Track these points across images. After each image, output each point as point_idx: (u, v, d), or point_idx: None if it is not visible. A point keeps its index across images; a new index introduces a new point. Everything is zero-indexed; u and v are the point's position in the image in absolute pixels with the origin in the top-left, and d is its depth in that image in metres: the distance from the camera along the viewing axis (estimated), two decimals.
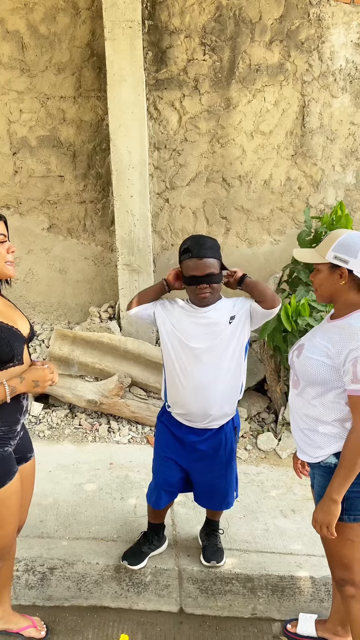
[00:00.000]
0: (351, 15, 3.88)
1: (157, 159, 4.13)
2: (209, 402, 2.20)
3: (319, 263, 1.83)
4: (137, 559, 2.50)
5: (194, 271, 2.12)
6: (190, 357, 2.18)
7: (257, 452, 3.62)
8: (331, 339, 1.79)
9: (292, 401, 1.97)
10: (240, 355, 2.22)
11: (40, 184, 4.25)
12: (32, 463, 2.03)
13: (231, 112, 4.03)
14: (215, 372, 2.18)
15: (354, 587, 1.90)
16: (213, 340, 2.16)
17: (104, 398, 3.77)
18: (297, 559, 2.59)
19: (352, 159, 4.19)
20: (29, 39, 3.93)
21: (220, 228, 4.30)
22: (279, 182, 4.20)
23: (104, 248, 4.39)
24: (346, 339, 1.74)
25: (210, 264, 2.11)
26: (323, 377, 1.79)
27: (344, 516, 1.79)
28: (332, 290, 1.82)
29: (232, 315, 2.18)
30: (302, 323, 3.34)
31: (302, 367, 1.85)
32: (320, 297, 1.89)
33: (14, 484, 1.82)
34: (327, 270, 1.81)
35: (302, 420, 1.90)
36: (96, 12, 3.83)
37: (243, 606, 2.44)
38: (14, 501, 1.83)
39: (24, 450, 1.97)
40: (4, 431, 1.78)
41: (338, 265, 1.77)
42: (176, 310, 2.26)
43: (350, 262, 1.75)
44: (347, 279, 1.77)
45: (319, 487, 1.91)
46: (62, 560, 2.52)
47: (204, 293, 2.14)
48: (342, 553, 1.87)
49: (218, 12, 3.84)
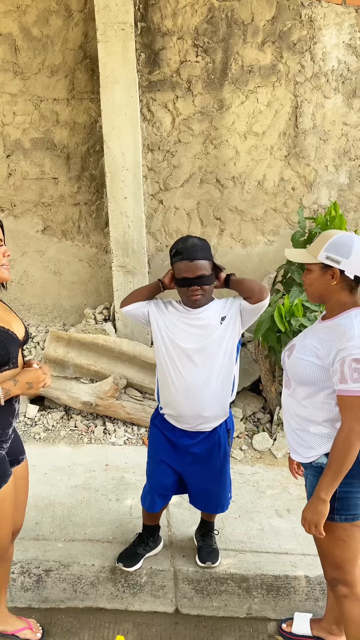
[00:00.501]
0: (343, 16, 3.89)
1: (151, 161, 4.14)
2: (201, 403, 2.20)
3: (311, 263, 1.84)
4: (132, 561, 2.50)
5: (185, 273, 2.13)
6: (182, 357, 2.19)
7: (252, 452, 3.63)
8: (320, 339, 1.80)
9: (284, 401, 1.98)
10: (232, 355, 2.22)
11: (34, 186, 4.25)
12: (24, 465, 2.04)
13: (224, 114, 4.05)
14: (207, 373, 2.19)
15: (347, 587, 1.91)
16: (205, 340, 2.17)
17: (99, 400, 3.77)
18: (292, 559, 2.60)
19: (345, 159, 4.21)
20: (21, 41, 3.93)
21: (214, 229, 4.31)
22: (273, 183, 4.22)
23: (99, 250, 4.40)
24: (335, 339, 1.74)
25: (201, 266, 2.11)
26: (313, 377, 1.80)
27: (334, 516, 1.80)
28: (323, 290, 1.83)
29: (223, 316, 2.19)
30: (295, 323, 3.36)
31: (293, 367, 1.87)
32: (311, 297, 1.90)
33: (8, 487, 1.83)
34: (319, 271, 1.81)
35: (293, 421, 1.92)
36: (89, 15, 3.83)
37: (238, 606, 2.45)
38: (8, 504, 1.84)
39: (16, 453, 1.98)
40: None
41: (330, 265, 1.78)
42: (169, 310, 2.27)
43: (342, 263, 1.75)
44: (339, 280, 1.78)
45: (310, 488, 1.92)
46: (57, 562, 2.53)
47: (196, 295, 2.14)
48: (334, 553, 1.88)
49: (210, 14, 3.85)
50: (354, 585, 1.90)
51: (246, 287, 2.18)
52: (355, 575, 1.90)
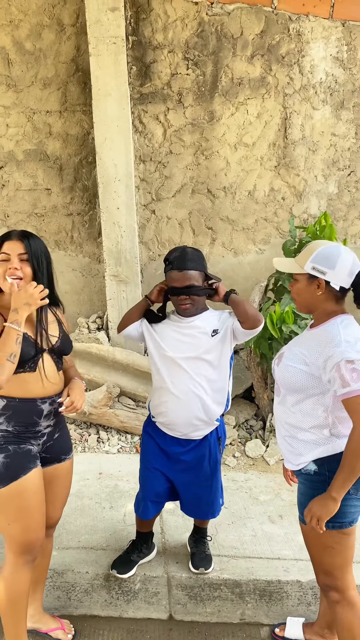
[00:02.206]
0: (330, 30, 3.98)
1: (143, 172, 4.19)
2: (192, 411, 2.24)
3: (298, 273, 1.87)
4: (126, 568, 2.52)
5: (174, 282, 2.18)
6: (172, 365, 2.23)
7: (245, 459, 3.65)
8: (308, 347, 1.83)
9: (276, 409, 2.01)
10: (224, 366, 2.26)
11: (27, 197, 4.29)
12: (67, 464, 2.16)
13: (215, 125, 4.11)
14: (198, 382, 2.22)
15: (338, 593, 1.92)
16: (196, 350, 2.20)
17: (93, 408, 3.79)
18: (284, 564, 2.63)
19: (334, 169, 4.28)
20: (14, 55, 3.99)
21: (206, 238, 4.36)
22: (263, 193, 4.28)
23: (92, 259, 4.44)
24: (322, 346, 1.77)
25: (190, 276, 2.15)
26: (300, 384, 1.82)
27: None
28: (310, 300, 1.86)
29: (215, 329, 2.22)
30: (286, 330, 3.40)
31: (282, 374, 1.89)
32: (298, 307, 1.94)
33: (30, 479, 1.91)
34: (305, 281, 1.85)
35: (283, 428, 1.95)
36: (81, 29, 3.90)
37: (232, 611, 2.47)
38: (32, 495, 1.92)
39: (59, 452, 2.11)
40: (20, 430, 1.93)
41: (315, 276, 1.81)
42: (162, 320, 2.31)
43: (328, 274, 1.79)
44: (324, 290, 1.81)
45: (300, 495, 1.94)
46: (52, 570, 2.53)
47: (184, 304, 2.19)
48: (324, 560, 1.90)
49: (200, 28, 3.92)
50: (345, 590, 1.92)
51: (242, 311, 2.19)
52: (345, 581, 1.91)
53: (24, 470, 1.91)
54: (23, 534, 1.92)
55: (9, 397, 1.90)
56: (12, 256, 1.90)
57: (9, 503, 1.90)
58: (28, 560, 1.98)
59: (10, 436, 1.92)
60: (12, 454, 1.90)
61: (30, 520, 1.93)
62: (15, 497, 1.89)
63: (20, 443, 1.93)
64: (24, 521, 1.92)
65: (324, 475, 1.83)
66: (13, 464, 1.90)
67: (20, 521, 1.91)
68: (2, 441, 1.91)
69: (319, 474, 1.85)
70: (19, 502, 1.90)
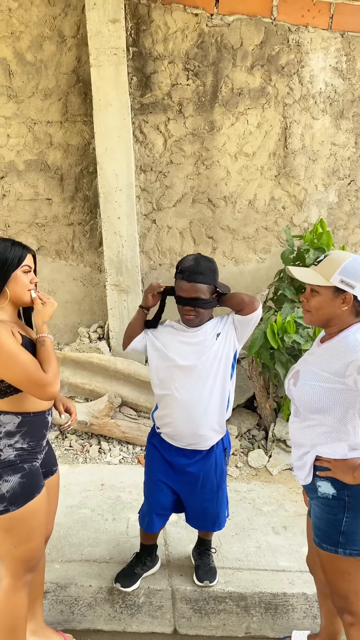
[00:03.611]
0: (329, 40, 4.00)
1: (144, 181, 4.20)
2: (198, 420, 2.22)
3: (321, 285, 1.76)
4: (129, 581, 2.50)
5: (181, 292, 2.16)
6: (178, 374, 2.21)
7: (248, 470, 3.63)
8: (325, 359, 1.76)
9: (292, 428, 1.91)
10: (227, 372, 2.24)
11: (28, 207, 4.29)
12: (57, 476, 2.13)
13: (215, 135, 4.13)
14: (203, 390, 2.21)
15: (352, 616, 1.88)
16: (200, 358, 2.19)
17: (94, 419, 3.77)
18: (289, 576, 2.60)
19: (334, 178, 4.29)
20: (15, 66, 4.00)
21: (207, 247, 4.36)
22: (264, 202, 4.29)
23: (93, 269, 4.43)
24: (340, 355, 1.71)
25: (197, 289, 2.13)
26: (322, 403, 1.74)
27: (339, 549, 1.78)
28: (332, 315, 1.77)
29: (218, 332, 2.22)
30: (288, 340, 3.39)
31: (300, 394, 1.81)
32: (315, 321, 1.83)
33: (41, 497, 1.89)
34: (330, 294, 1.74)
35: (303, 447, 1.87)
36: (81, 40, 3.92)
37: (237, 625, 2.44)
38: (41, 515, 1.90)
39: (50, 464, 2.07)
40: (32, 446, 1.89)
41: (342, 289, 1.72)
42: (166, 330, 2.30)
43: (357, 288, 1.70)
44: (350, 305, 1.73)
45: (315, 519, 1.87)
46: (54, 583, 2.51)
47: (189, 315, 2.18)
48: (338, 584, 1.86)
49: (200, 39, 3.94)
50: (359, 614, 1.88)
51: (236, 300, 2.19)
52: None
53: (38, 489, 1.88)
54: (29, 554, 1.88)
55: (24, 412, 1.85)
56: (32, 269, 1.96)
57: (21, 525, 1.84)
58: (28, 581, 1.93)
59: (25, 454, 1.87)
60: (28, 472, 1.85)
61: (39, 539, 1.90)
62: (28, 518, 1.85)
63: (33, 460, 1.89)
64: (32, 542, 1.87)
65: (343, 501, 1.77)
66: (29, 483, 1.85)
67: (29, 542, 1.87)
68: (19, 460, 1.84)
69: (337, 498, 1.78)
70: (30, 522, 1.85)
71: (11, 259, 1.85)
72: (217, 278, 2.22)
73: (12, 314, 1.91)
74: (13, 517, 1.82)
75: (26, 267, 1.90)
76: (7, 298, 1.86)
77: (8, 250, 1.85)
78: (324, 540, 1.82)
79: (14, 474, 1.82)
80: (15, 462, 1.83)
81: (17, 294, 1.88)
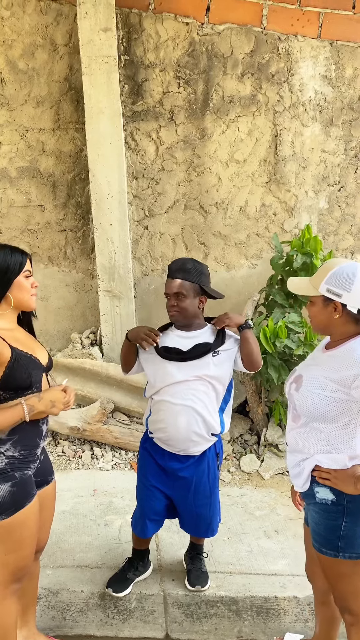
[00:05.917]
0: (318, 49, 4.06)
1: (136, 188, 4.23)
2: (191, 426, 2.23)
3: (313, 295, 1.76)
4: (121, 586, 2.50)
5: (166, 289, 2.25)
6: (173, 382, 2.23)
7: (240, 474, 3.64)
8: (330, 369, 1.75)
9: (290, 435, 1.89)
10: (223, 383, 2.28)
11: (20, 213, 4.31)
12: (53, 485, 2.10)
13: (206, 142, 4.16)
14: (197, 397, 2.22)
15: (352, 616, 1.88)
16: (194, 365, 2.21)
17: (86, 424, 3.78)
18: (281, 580, 2.61)
19: (324, 184, 4.33)
20: (8, 74, 4.03)
21: (199, 253, 4.39)
22: (255, 209, 4.32)
23: (85, 275, 4.45)
24: (346, 367, 1.70)
25: (179, 285, 2.20)
26: (325, 411, 1.74)
27: (338, 553, 1.78)
28: (327, 323, 1.77)
29: (217, 350, 2.24)
30: (280, 345, 3.42)
31: (303, 401, 1.79)
32: (315, 329, 1.83)
33: (32, 506, 1.88)
34: (321, 303, 1.74)
35: (299, 454, 1.86)
36: (73, 48, 3.95)
37: (229, 629, 2.45)
38: (32, 523, 1.88)
39: (45, 474, 2.04)
40: (24, 455, 1.87)
41: (331, 298, 1.71)
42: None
43: (344, 296, 1.68)
44: (342, 313, 1.71)
45: (314, 524, 1.86)
46: (46, 589, 2.51)
47: (172, 311, 2.23)
48: (338, 586, 1.88)
49: (191, 48, 3.99)
50: (359, 614, 1.88)
51: (246, 352, 2.25)
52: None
53: (28, 498, 1.86)
54: (18, 563, 1.86)
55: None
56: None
57: (10, 534, 1.82)
58: (16, 589, 1.92)
59: (16, 462, 1.85)
60: (19, 481, 1.84)
61: (29, 548, 1.88)
62: (18, 527, 1.83)
63: (24, 469, 1.87)
64: (21, 551, 1.86)
65: (342, 506, 1.77)
66: (19, 492, 1.83)
67: (19, 551, 1.85)
68: (9, 468, 1.83)
69: (336, 503, 1.77)
70: (20, 532, 1.84)
71: (13, 265, 1.86)
72: (204, 280, 2.27)
73: (13, 320, 1.92)
74: (2, 526, 1.80)
75: (27, 272, 1.91)
76: (10, 304, 1.87)
77: (8, 258, 1.86)
78: (324, 545, 1.82)
79: (4, 482, 1.81)
80: (5, 470, 1.82)
81: (21, 299, 1.89)
